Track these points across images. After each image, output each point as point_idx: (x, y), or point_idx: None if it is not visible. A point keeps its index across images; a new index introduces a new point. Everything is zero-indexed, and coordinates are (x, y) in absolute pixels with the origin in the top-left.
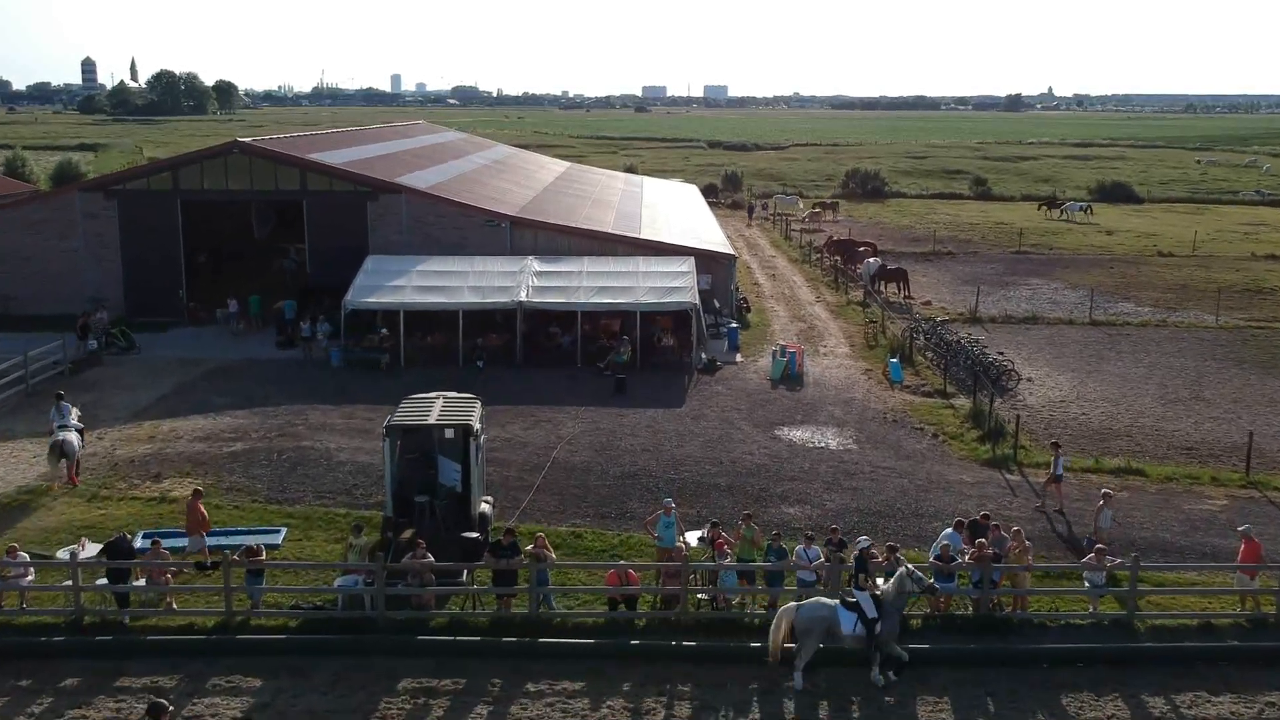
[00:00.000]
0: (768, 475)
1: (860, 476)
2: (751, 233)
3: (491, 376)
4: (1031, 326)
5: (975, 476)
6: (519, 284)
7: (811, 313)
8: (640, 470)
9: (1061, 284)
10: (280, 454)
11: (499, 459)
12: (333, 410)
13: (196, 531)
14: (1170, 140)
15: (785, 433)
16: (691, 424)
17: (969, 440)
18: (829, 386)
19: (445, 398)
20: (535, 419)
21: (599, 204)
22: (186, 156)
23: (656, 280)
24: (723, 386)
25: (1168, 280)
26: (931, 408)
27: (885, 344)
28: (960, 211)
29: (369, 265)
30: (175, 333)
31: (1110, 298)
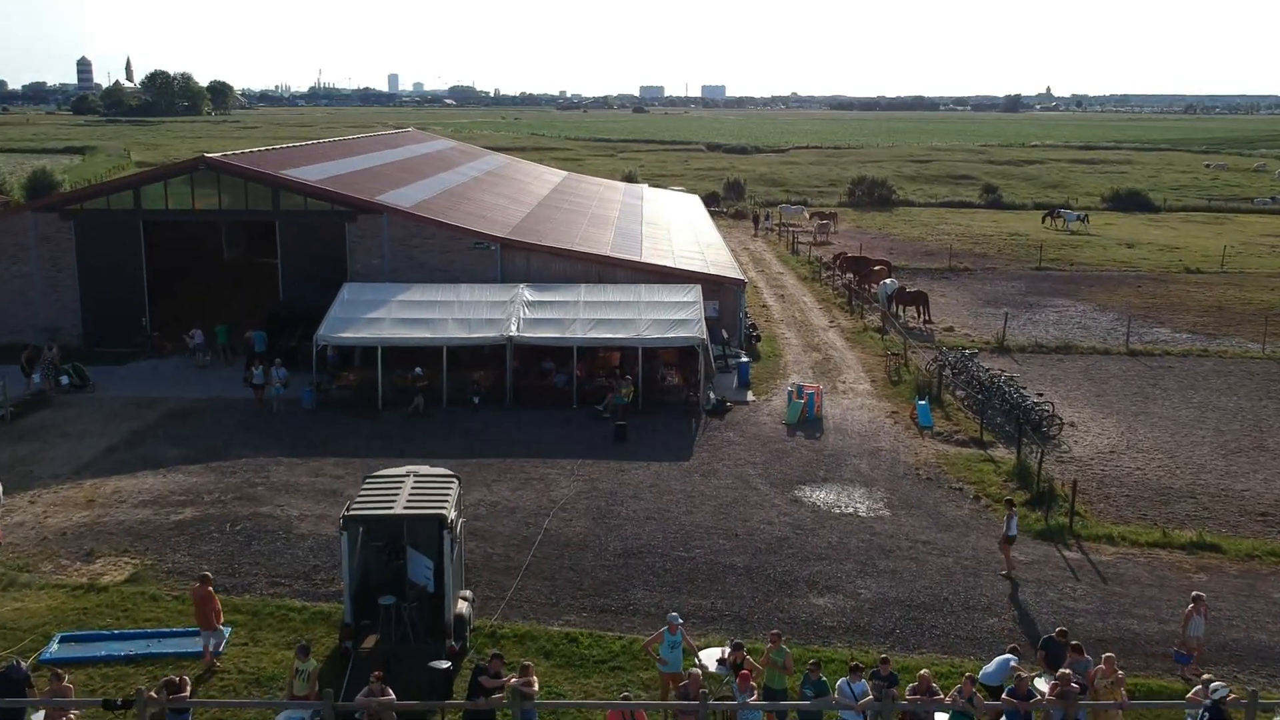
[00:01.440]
0: (791, 552)
1: (898, 554)
2: (757, 246)
3: (479, 420)
4: (1065, 357)
5: (1028, 553)
6: (509, 316)
7: (826, 340)
8: (644, 546)
9: (1090, 305)
10: (234, 524)
11: (482, 530)
12: (299, 464)
13: (210, 625)
14: (1175, 143)
15: (808, 494)
16: (701, 482)
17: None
18: (852, 433)
19: (416, 476)
20: (525, 476)
21: (597, 220)
22: (149, 174)
23: (660, 311)
24: (734, 432)
25: (1201, 301)
26: (968, 460)
27: (909, 379)
28: (971, 221)
29: (345, 294)
30: (136, 366)
31: (1143, 321)
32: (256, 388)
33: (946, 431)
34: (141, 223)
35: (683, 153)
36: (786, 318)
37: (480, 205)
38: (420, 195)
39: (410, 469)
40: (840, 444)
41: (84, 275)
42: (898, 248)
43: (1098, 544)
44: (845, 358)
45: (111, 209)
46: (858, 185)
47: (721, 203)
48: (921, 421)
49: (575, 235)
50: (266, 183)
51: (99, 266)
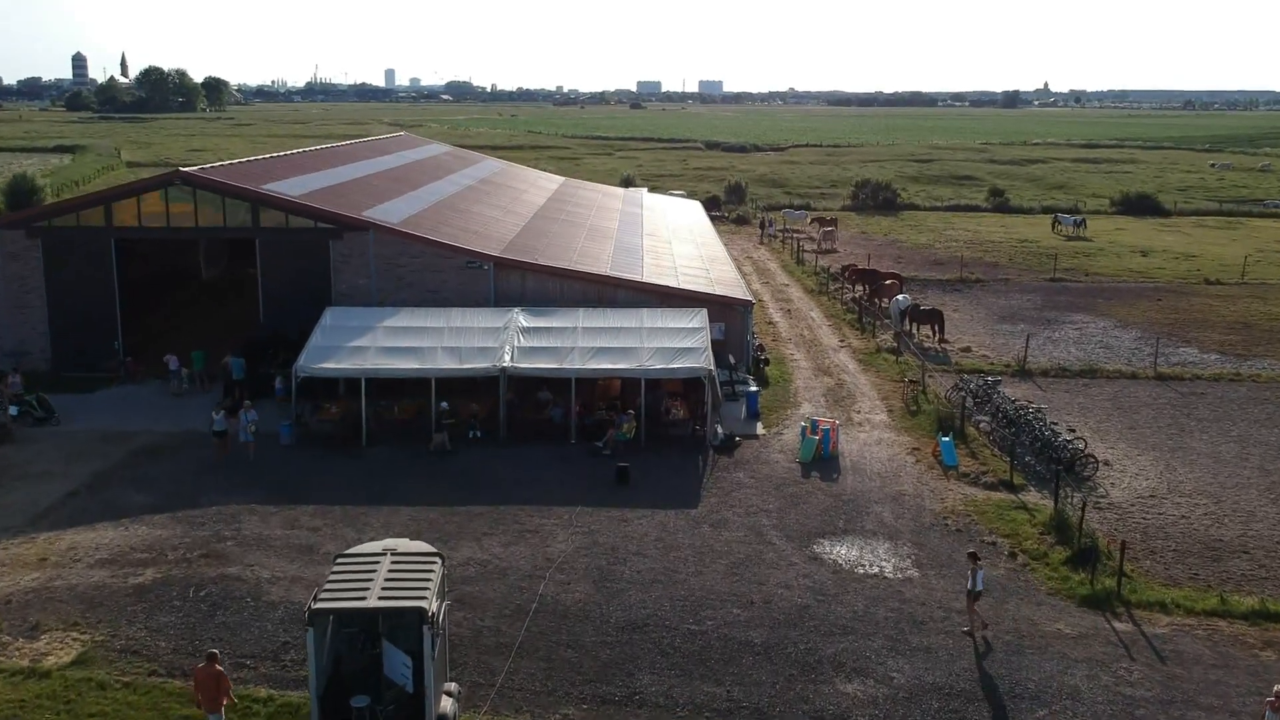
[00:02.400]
0: (813, 625)
1: (930, 627)
2: (760, 255)
3: (472, 459)
4: (1090, 382)
5: (1075, 625)
6: (502, 344)
7: (837, 362)
8: (650, 617)
9: (1110, 321)
10: (199, 588)
11: (471, 596)
12: (273, 513)
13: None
14: (1177, 141)
15: (828, 549)
16: (711, 534)
17: (1056, 563)
18: (871, 473)
19: (394, 556)
20: (519, 527)
21: (595, 233)
22: (121, 189)
23: (664, 339)
24: (744, 472)
25: (1226, 317)
26: (999, 507)
27: (929, 410)
28: (979, 226)
29: (327, 320)
30: (107, 394)
31: (1168, 339)
32: (218, 435)
33: (973, 472)
34: (113, 241)
35: (681, 151)
36: (794, 336)
37: (473, 218)
38: (410, 209)
39: (387, 546)
40: (859, 487)
41: (52, 296)
42: (906, 256)
43: (1149, 612)
44: (859, 383)
45: (81, 226)
46: (861, 189)
47: (723, 207)
48: (945, 460)
49: (573, 251)
50: (246, 198)
51: (68, 287)
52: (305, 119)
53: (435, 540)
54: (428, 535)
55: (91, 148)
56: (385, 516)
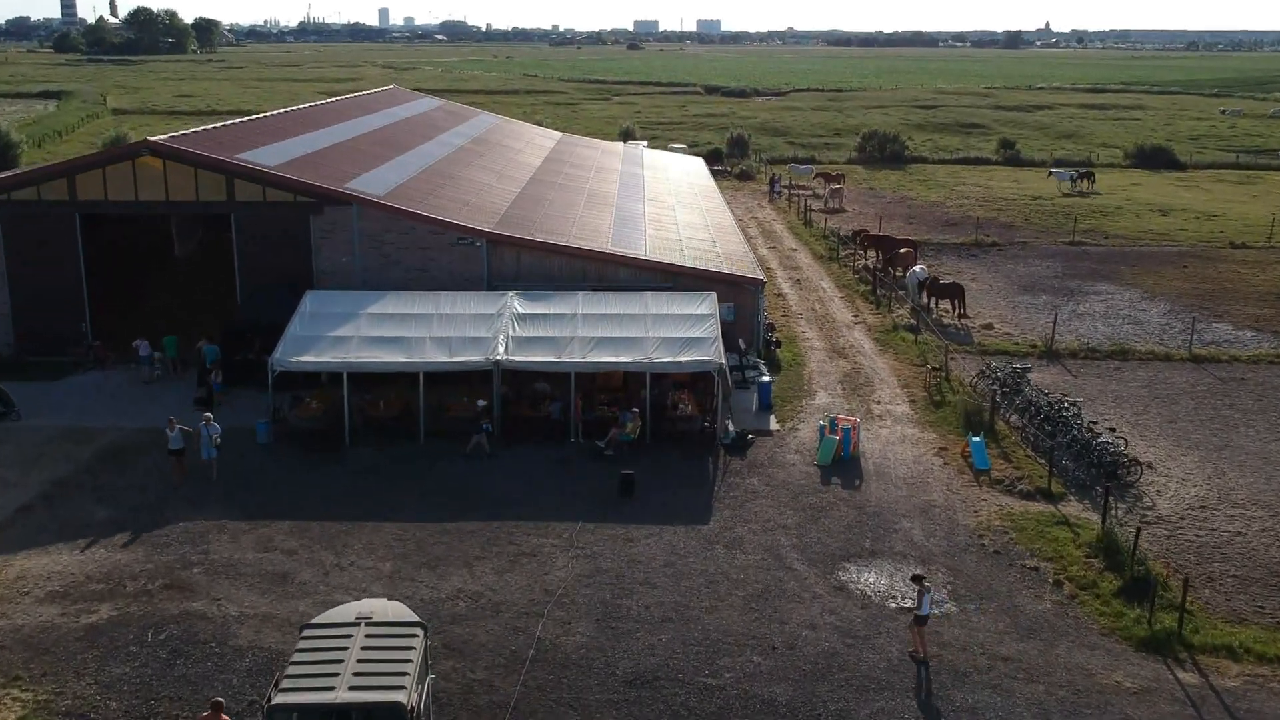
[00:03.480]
0: (843, 677)
1: (974, 679)
2: (766, 215)
3: (464, 464)
4: (1122, 365)
5: (1135, 676)
6: (496, 334)
7: (852, 342)
8: (661, 667)
9: (1136, 291)
10: (158, 629)
11: (461, 641)
12: (245, 531)
13: None
14: (1185, 85)
15: (854, 576)
16: (725, 558)
17: (1107, 594)
18: (896, 479)
19: (369, 627)
20: (514, 549)
21: (595, 200)
22: (84, 160)
23: (671, 327)
24: (758, 478)
25: (1258, 286)
26: (1038, 523)
27: (954, 401)
28: (990, 181)
29: (307, 306)
30: (75, 381)
31: (1199, 313)
32: (175, 454)
33: (1007, 478)
34: (78, 216)
35: (679, 97)
36: (806, 311)
37: (465, 186)
38: (397, 177)
39: (361, 614)
40: (884, 496)
41: (13, 276)
42: (917, 215)
43: (1216, 659)
44: (876, 367)
45: (43, 200)
46: (868, 140)
47: (725, 161)
48: (976, 464)
49: (571, 222)
50: (219, 170)
51: (30, 266)
52: (297, 61)
53: (423, 567)
54: (414, 559)
55: (77, 93)
56: (368, 536)
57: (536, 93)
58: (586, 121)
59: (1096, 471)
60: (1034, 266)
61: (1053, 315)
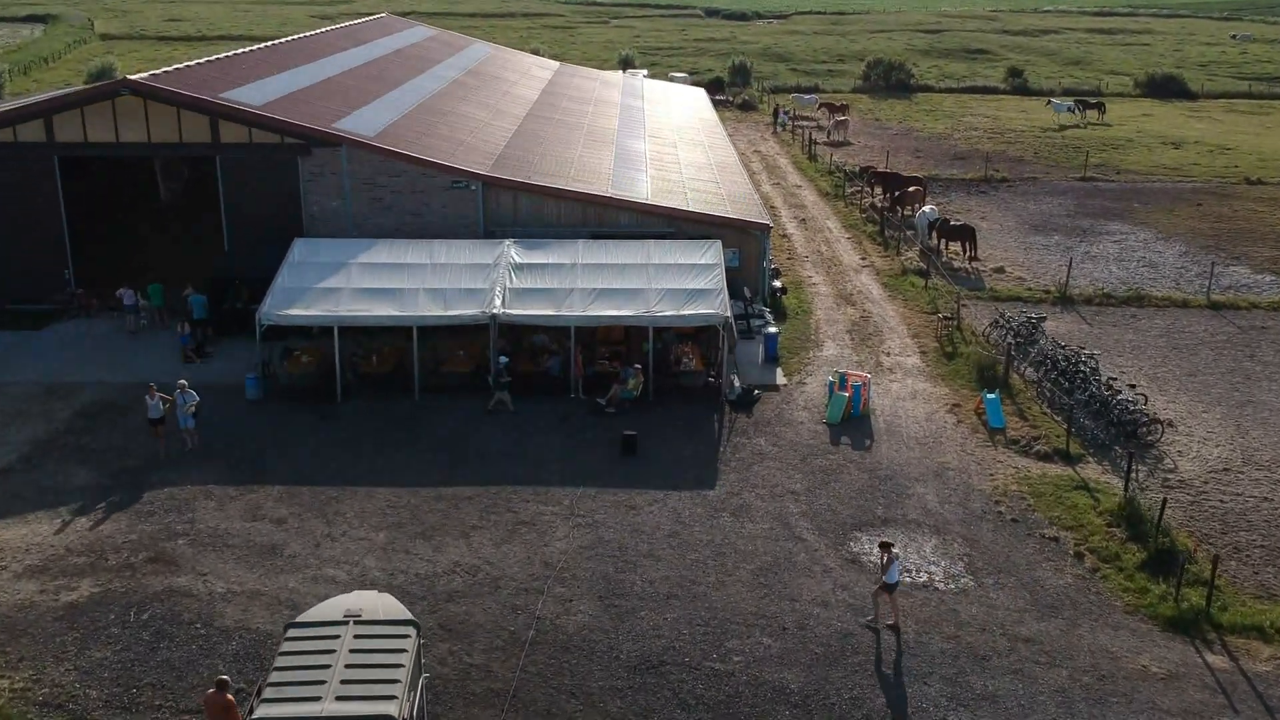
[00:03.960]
0: (857, 661)
1: (995, 663)
2: (770, 148)
3: (460, 421)
4: (1138, 312)
5: (1162, 660)
6: (493, 285)
7: (860, 287)
8: (667, 650)
9: (1150, 232)
10: (140, 608)
11: (458, 620)
12: (233, 496)
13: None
14: (1194, 8)
15: (867, 548)
16: (732, 527)
17: (1131, 567)
18: (908, 438)
19: (357, 625)
20: (513, 518)
21: (594, 136)
22: (61, 100)
23: (674, 278)
24: (766, 438)
25: (1275, 226)
26: (1056, 487)
27: (967, 352)
28: (998, 111)
29: (295, 255)
30: (57, 330)
31: (1216, 254)
32: (154, 424)
33: (1023, 437)
34: (56, 158)
35: (679, 20)
36: (812, 253)
37: (459, 123)
38: (388, 116)
39: (349, 611)
40: (896, 458)
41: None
42: (924, 149)
43: (1246, 639)
44: (886, 315)
45: (19, 141)
46: (873, 68)
47: (727, 90)
48: (991, 422)
49: (570, 161)
50: (203, 110)
51: (9, 211)
52: None
53: (418, 538)
54: (409, 529)
55: (64, 17)
56: (360, 502)
57: (533, 15)
58: (584, 47)
59: (1116, 431)
60: (1045, 204)
61: (1066, 259)
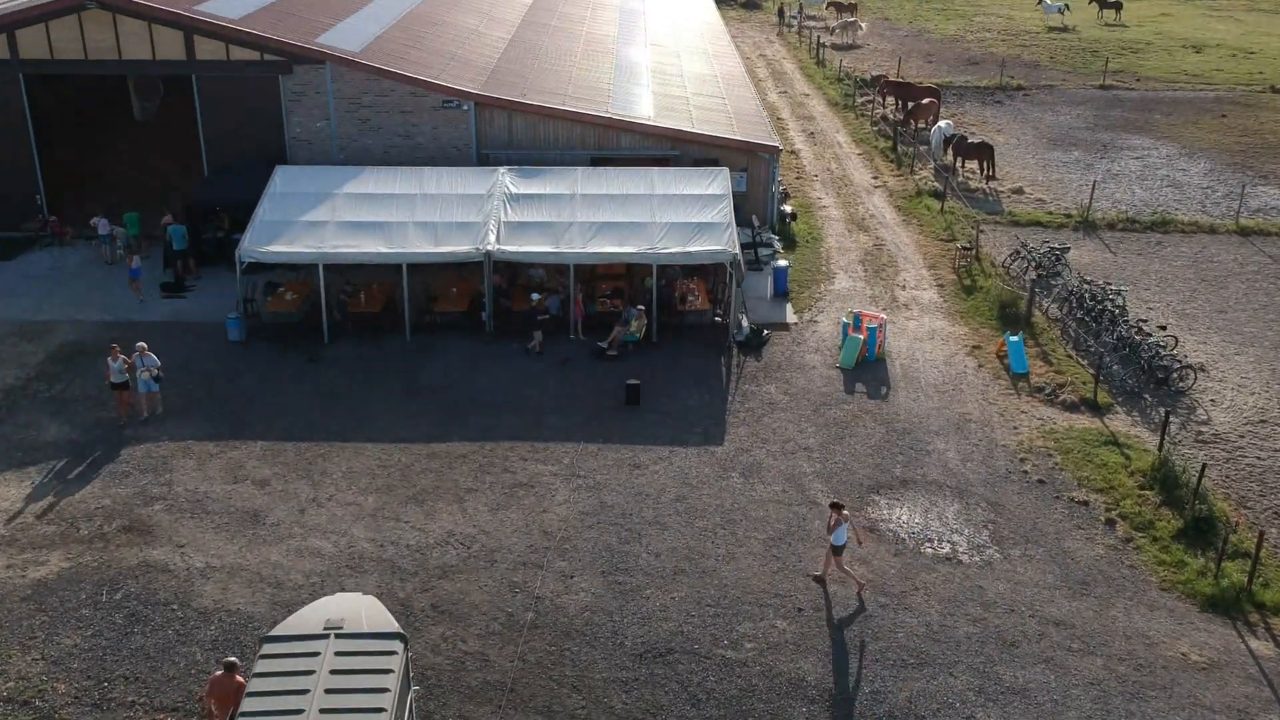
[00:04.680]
0: (877, 648)
1: (1024, 650)
2: (775, 51)
3: (451, 363)
4: (1163, 239)
5: (1202, 646)
6: (486, 219)
7: (873, 211)
8: (675, 635)
9: (1173, 147)
10: (114, 586)
11: (452, 600)
12: (213, 454)
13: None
14: None
15: (885, 514)
16: (742, 489)
17: (1165, 536)
18: (926, 386)
19: (339, 642)
20: (510, 479)
21: (592, 48)
22: (24, 14)
23: (679, 210)
24: (776, 385)
25: None
26: (1084, 441)
27: (986, 286)
28: (1012, 11)
29: (277, 184)
30: (31, 260)
31: (1244, 172)
32: (117, 388)
33: (1048, 384)
34: (21, 77)
35: None
36: (821, 171)
37: (450, 34)
38: (374, 28)
39: (330, 621)
40: (914, 408)
41: None
42: (936, 53)
43: None
44: (900, 243)
45: None
46: None
47: None
48: (1014, 367)
49: (567, 77)
50: (176, 24)
51: None
52: None
53: (409, 502)
54: (400, 491)
55: None
56: (348, 459)
57: None
58: None
59: (1145, 377)
60: (1063, 115)
61: (1086, 178)
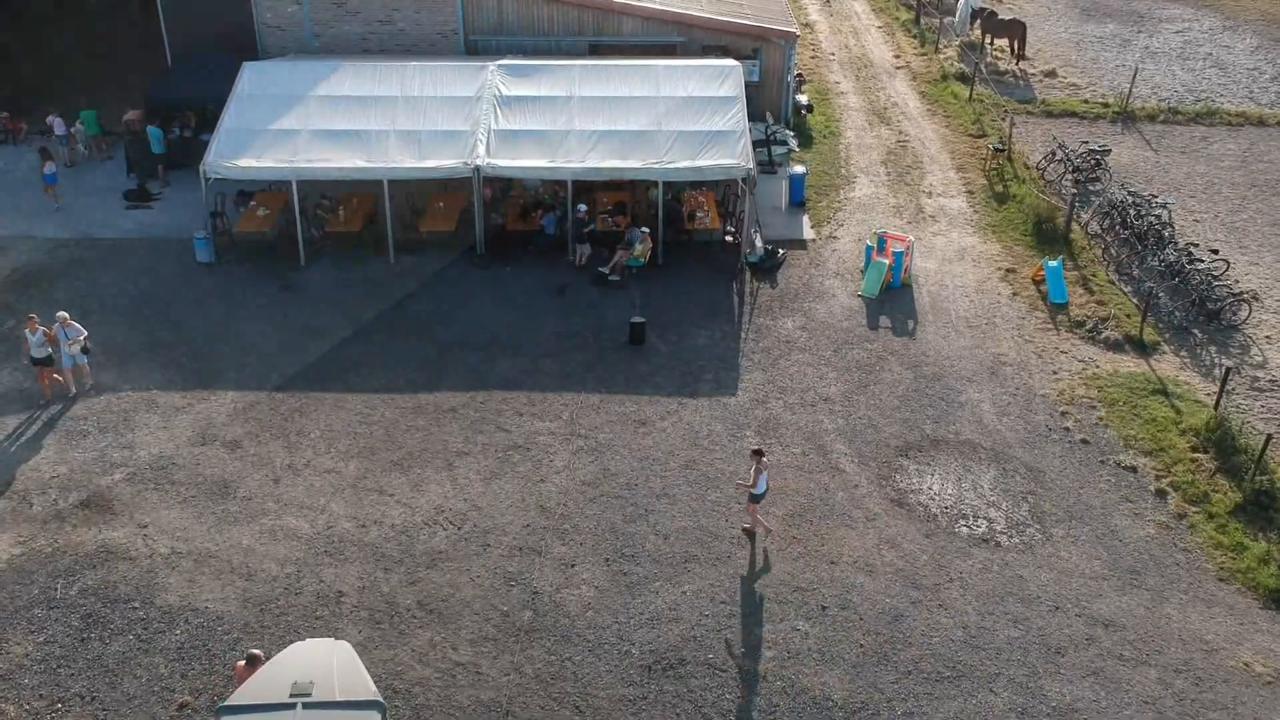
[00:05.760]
0: (910, 657)
1: (1071, 659)
2: None
3: (441, 296)
4: (1209, 132)
5: (1266, 654)
6: (475, 125)
7: (896, 99)
8: (686, 643)
9: (1216, 18)
10: (69, 579)
11: (438, 599)
12: (180, 408)
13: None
14: None
15: (914, 483)
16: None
17: (1221, 512)
18: (956, 319)
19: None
20: (503, 439)
21: None
22: None
23: (688, 115)
24: (793, 320)
25: None
26: (1131, 390)
27: (1020, 194)
28: None
29: (244, 84)
30: None
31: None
32: (39, 364)
33: (1090, 317)
34: None
35: None
36: (838, 49)
37: None
38: None
39: (298, 686)
40: (944, 348)
41: None
42: None
43: None
44: (925, 137)
45: None
46: None
47: None
48: (1052, 295)
49: None
50: None
51: None
52: None
53: (393, 468)
54: (383, 455)
55: None
56: (327, 414)
57: None
58: None
59: (1194, 310)
60: None
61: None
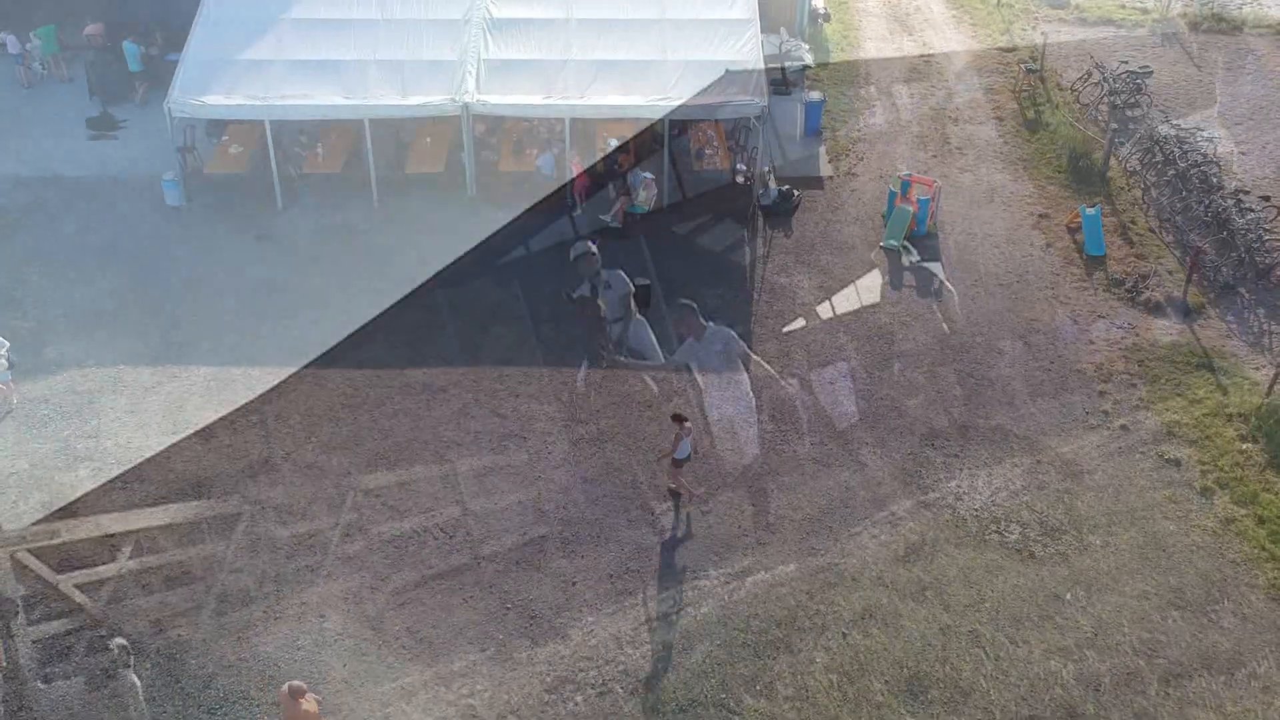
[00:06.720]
0: (938, 699)
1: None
2: None
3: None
4: (1255, 43)
5: None
6: (463, 54)
7: (919, 3)
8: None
9: None
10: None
11: (425, 624)
12: (149, 387)
13: None
14: None
15: (941, 476)
16: (772, 443)
17: (1273, 516)
18: (985, 275)
19: None
20: (497, 425)
21: None
22: None
23: (696, 42)
24: (809, 278)
25: None
26: (1173, 364)
27: (1054, 122)
28: None
29: (210, 8)
30: None
31: None
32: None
33: (1128, 274)
34: None
35: None
36: None
37: None
38: None
39: None
40: (972, 310)
41: None
42: None
43: None
44: (951, 50)
45: None
46: None
47: None
48: (1088, 247)
49: None
50: None
51: None
52: None
53: (380, 463)
54: (369, 445)
55: None
56: (306, 394)
57: None
58: None
59: (1242, 267)
60: None
61: None
